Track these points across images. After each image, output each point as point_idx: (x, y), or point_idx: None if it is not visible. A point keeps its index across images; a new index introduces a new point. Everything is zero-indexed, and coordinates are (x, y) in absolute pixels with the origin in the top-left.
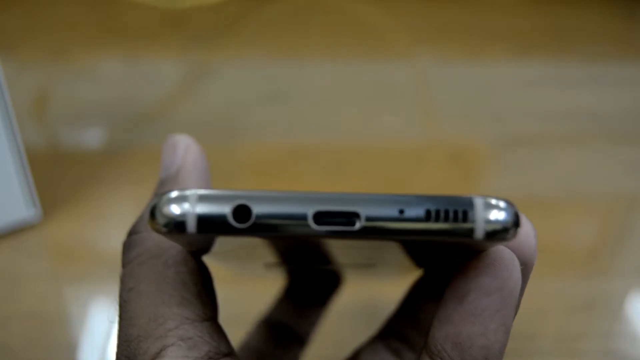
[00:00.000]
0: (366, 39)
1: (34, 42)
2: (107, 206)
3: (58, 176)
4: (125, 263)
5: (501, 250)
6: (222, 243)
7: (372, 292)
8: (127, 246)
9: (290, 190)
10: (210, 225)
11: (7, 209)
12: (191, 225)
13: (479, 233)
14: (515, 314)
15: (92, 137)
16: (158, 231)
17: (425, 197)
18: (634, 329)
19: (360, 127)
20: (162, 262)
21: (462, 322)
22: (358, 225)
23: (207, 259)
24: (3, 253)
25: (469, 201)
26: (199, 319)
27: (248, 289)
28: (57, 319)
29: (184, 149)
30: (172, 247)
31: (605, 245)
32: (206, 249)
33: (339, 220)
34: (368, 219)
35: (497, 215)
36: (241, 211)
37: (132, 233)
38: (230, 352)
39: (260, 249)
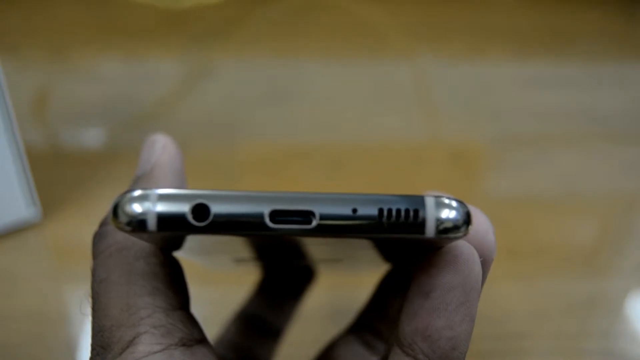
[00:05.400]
0: (366, 39)
1: (34, 42)
2: (107, 206)
3: (58, 176)
4: (95, 255)
5: (461, 245)
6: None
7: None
8: (98, 238)
9: (249, 190)
10: (170, 224)
11: (7, 208)
12: (151, 224)
13: (430, 231)
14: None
15: (92, 137)
16: (121, 229)
17: (378, 196)
18: (634, 328)
19: (360, 127)
20: (132, 254)
21: (429, 317)
22: (313, 223)
23: (177, 254)
24: (3, 253)
25: (420, 200)
26: (171, 307)
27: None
28: (57, 318)
29: (161, 148)
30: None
31: (605, 245)
32: (173, 246)
33: (294, 219)
34: (322, 217)
35: (448, 213)
36: (200, 210)
37: (103, 224)
38: (203, 338)
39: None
